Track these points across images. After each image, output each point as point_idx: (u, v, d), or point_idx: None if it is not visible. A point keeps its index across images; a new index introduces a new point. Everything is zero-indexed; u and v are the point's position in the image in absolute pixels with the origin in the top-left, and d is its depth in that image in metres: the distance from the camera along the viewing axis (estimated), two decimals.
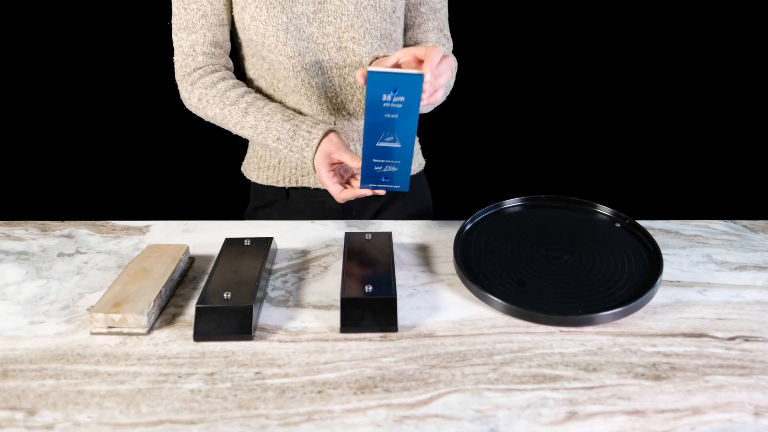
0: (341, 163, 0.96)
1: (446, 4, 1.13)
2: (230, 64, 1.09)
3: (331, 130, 0.97)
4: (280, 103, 1.08)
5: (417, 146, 1.25)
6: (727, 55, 2.00)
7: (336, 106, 1.06)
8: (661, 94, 2.07)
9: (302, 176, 1.13)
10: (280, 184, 1.15)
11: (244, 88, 1.03)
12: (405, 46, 1.13)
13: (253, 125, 0.99)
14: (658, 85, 2.06)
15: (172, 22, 1.03)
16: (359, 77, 0.86)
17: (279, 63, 1.02)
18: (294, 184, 1.14)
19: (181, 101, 1.10)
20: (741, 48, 1.99)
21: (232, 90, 1.02)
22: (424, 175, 1.27)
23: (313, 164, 0.96)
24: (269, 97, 1.09)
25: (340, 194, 0.94)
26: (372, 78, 0.82)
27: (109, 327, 0.76)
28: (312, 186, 1.14)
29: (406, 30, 1.12)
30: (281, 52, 1.00)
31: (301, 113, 1.07)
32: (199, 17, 1.00)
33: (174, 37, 1.04)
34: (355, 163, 0.91)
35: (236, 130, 1.02)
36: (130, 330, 0.76)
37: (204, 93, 1.02)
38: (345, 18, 0.98)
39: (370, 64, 0.94)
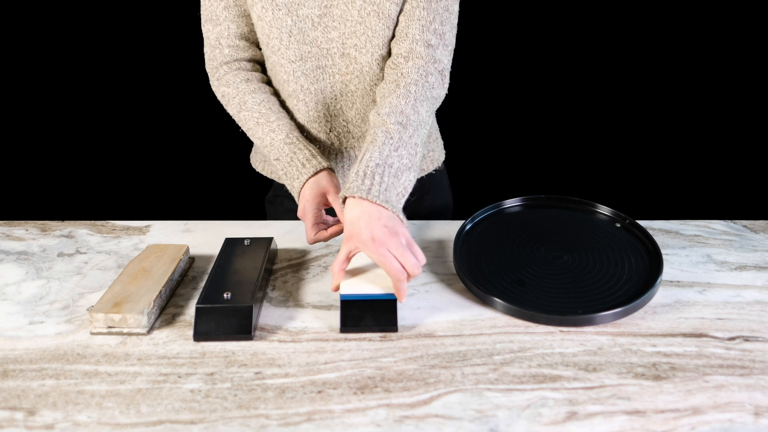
0: (329, 206, 0.94)
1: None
2: (258, 55, 1.08)
3: (324, 169, 0.95)
4: (284, 102, 1.08)
5: (439, 140, 1.21)
6: (727, 55, 2.00)
7: (333, 113, 1.05)
8: (661, 94, 2.07)
9: None
10: None
11: (263, 95, 1.02)
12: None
13: (261, 137, 1.00)
14: (657, 85, 2.06)
15: (201, 13, 1.04)
16: (332, 289, 0.83)
17: (280, 66, 1.01)
18: None
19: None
20: (741, 48, 1.99)
21: (251, 95, 1.01)
22: (446, 171, 1.24)
23: (300, 194, 0.94)
24: (279, 97, 1.09)
25: (314, 237, 0.92)
26: (344, 298, 0.79)
27: (109, 327, 0.76)
28: None
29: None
30: (283, 55, 0.99)
31: (307, 134, 1.07)
32: (221, 9, 1.00)
33: (202, 29, 1.04)
34: (343, 219, 0.88)
35: (248, 135, 1.03)
36: (130, 330, 0.76)
37: (226, 91, 1.03)
38: (349, 24, 0.97)
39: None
